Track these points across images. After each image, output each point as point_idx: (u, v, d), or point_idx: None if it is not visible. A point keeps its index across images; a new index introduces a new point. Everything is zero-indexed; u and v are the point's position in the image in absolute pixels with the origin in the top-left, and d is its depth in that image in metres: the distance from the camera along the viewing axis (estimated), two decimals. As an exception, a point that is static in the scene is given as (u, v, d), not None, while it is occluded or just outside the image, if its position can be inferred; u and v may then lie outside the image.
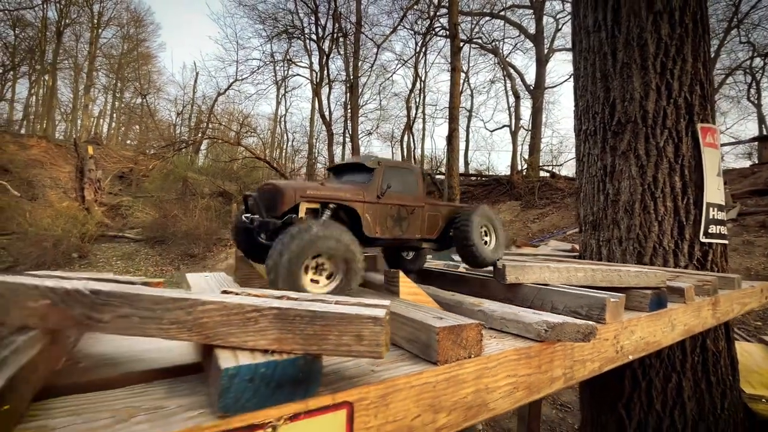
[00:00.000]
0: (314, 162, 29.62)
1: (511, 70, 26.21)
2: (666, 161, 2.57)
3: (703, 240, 2.50)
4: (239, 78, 26.54)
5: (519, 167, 22.44)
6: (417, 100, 28.52)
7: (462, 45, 19.67)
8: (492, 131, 36.28)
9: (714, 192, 2.57)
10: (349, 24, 23.66)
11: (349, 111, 24.12)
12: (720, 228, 2.57)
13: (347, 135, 26.49)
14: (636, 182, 2.61)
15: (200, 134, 25.28)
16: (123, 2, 32.78)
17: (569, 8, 23.53)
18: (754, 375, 2.92)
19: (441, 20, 23.36)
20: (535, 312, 1.10)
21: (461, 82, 21.01)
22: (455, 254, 1.67)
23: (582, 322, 0.98)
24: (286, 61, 27.12)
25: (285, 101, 37.57)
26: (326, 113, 24.33)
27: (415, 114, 28.86)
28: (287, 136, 36.72)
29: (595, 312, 1.18)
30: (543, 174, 20.56)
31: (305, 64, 27.68)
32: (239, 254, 1.43)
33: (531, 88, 24.12)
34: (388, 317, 0.64)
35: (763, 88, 26.02)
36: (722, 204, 2.63)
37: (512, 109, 26.87)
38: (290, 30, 24.41)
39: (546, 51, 23.92)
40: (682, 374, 2.41)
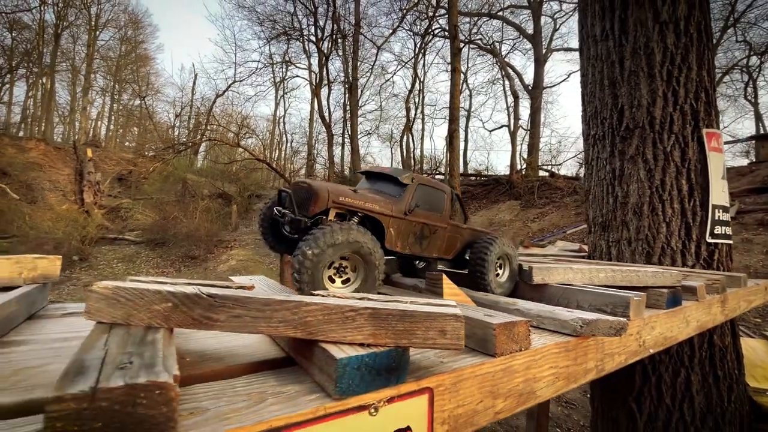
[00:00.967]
0: (313, 163, 29.71)
1: (510, 71, 26.39)
2: (673, 165, 2.68)
3: (710, 240, 2.61)
4: (238, 79, 26.67)
5: (518, 167, 22.56)
6: (416, 101, 28.69)
7: (462, 46, 19.80)
8: (491, 131, 36.26)
9: (719, 194, 2.68)
10: (348, 25, 23.81)
11: (349, 112, 24.23)
12: (725, 228, 2.69)
13: (347, 136, 26.60)
14: (644, 185, 2.72)
15: (199, 136, 25.30)
16: (121, 4, 32.73)
17: (567, 8, 23.79)
18: (758, 369, 3.04)
19: (440, 21, 23.56)
20: (569, 310, 1.20)
21: (460, 83, 21.13)
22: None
23: (614, 319, 1.08)
24: (285, 63, 27.25)
25: (284, 102, 37.75)
26: (326, 114, 24.43)
27: (415, 114, 29.02)
28: (286, 137, 36.88)
29: (620, 309, 1.28)
30: (542, 173, 20.71)
31: (304, 66, 27.86)
32: (287, 259, 1.50)
33: (530, 88, 24.30)
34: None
35: (760, 87, 26.30)
36: (727, 206, 2.74)
37: (511, 109, 27.07)
38: (289, 31, 24.51)
39: (544, 51, 24.13)
40: (691, 369, 2.52)
